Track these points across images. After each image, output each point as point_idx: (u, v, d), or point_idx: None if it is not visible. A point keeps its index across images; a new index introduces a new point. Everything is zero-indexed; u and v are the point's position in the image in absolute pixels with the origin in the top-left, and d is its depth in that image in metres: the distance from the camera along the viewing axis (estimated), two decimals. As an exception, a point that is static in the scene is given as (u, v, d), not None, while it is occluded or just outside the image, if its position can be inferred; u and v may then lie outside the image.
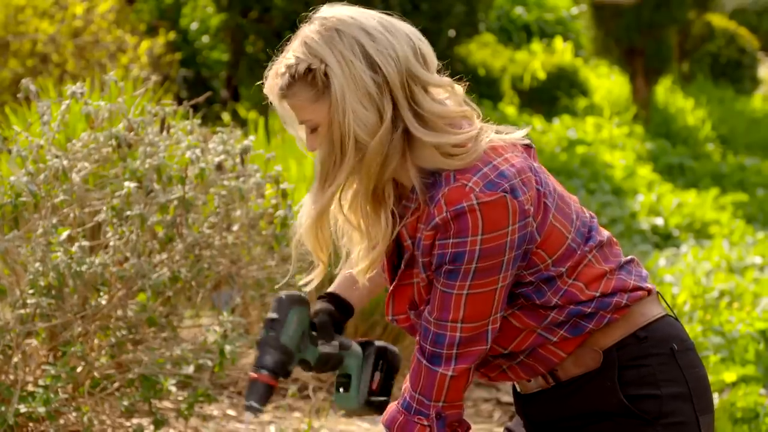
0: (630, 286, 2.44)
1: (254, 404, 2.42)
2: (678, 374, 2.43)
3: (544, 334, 2.41)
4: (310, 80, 2.31)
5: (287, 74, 2.31)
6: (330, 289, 2.61)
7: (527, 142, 2.44)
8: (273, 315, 2.46)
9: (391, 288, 2.46)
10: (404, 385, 2.42)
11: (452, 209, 2.28)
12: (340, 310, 2.58)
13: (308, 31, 2.33)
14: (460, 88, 2.39)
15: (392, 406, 2.42)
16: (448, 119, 2.34)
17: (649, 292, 2.47)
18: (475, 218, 2.27)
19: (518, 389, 2.57)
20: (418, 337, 2.40)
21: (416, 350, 2.39)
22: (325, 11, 2.35)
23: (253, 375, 2.43)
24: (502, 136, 2.38)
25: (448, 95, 2.37)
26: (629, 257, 2.51)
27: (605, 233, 2.48)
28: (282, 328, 2.45)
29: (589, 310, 2.40)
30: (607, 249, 2.46)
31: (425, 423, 2.37)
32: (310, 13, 2.36)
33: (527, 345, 2.43)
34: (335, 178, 2.34)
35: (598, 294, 2.40)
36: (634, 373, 2.43)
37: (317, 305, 2.57)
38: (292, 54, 2.32)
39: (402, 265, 2.43)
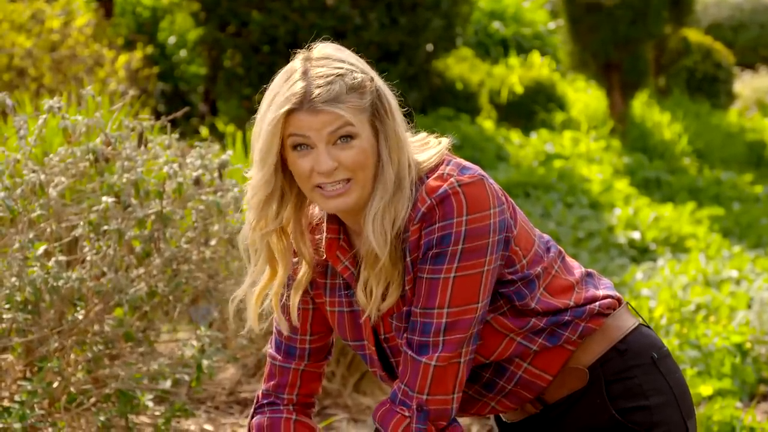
0: (600, 295, 2.48)
1: None
2: (662, 382, 2.46)
3: (524, 343, 2.42)
4: (359, 91, 2.32)
5: (341, 82, 2.30)
6: None
7: None
8: None
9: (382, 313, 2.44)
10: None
11: (435, 195, 2.31)
12: None
13: (340, 50, 2.36)
14: None
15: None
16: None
17: (619, 301, 2.51)
18: (459, 200, 2.30)
19: (504, 419, 2.57)
20: (406, 333, 2.39)
21: (403, 345, 2.39)
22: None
23: None
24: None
25: None
26: (588, 270, 2.54)
27: (559, 246, 2.53)
28: None
29: (566, 318, 2.43)
30: (568, 261, 2.51)
31: (406, 414, 2.35)
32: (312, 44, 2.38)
33: (509, 354, 2.43)
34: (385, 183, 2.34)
35: (571, 303, 2.43)
36: (621, 387, 2.44)
37: None
38: (337, 66, 2.32)
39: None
